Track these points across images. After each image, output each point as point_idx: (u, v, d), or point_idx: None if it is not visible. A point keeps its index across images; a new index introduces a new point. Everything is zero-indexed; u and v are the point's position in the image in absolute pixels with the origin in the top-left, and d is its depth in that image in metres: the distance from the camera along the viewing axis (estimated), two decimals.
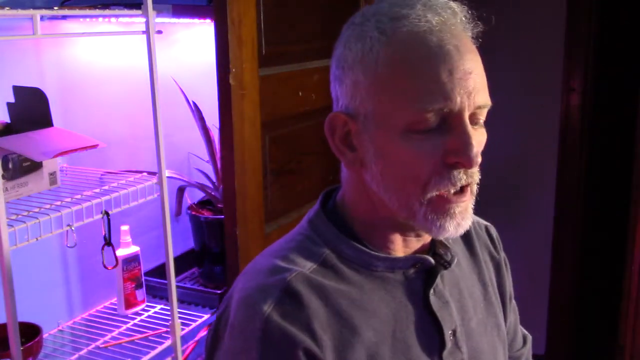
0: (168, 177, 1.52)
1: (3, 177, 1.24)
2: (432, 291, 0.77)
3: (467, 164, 0.68)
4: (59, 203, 1.28)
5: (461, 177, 0.69)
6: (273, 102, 1.61)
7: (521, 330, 0.99)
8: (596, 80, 2.83)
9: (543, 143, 2.79)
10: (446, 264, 0.79)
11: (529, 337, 1.00)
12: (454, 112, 0.68)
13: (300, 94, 1.69)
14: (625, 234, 2.28)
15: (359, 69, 0.70)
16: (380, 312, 0.74)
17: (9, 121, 1.35)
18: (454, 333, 0.78)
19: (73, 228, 1.27)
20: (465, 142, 0.68)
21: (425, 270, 0.78)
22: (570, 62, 2.76)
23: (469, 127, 0.69)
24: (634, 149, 2.23)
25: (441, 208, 0.70)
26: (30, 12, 1.22)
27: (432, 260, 0.77)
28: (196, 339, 1.77)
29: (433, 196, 0.70)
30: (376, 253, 0.76)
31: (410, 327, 0.75)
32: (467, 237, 0.88)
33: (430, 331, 0.76)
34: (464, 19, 0.72)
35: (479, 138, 0.70)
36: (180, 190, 1.81)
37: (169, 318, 1.52)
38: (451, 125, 0.69)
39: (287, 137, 1.67)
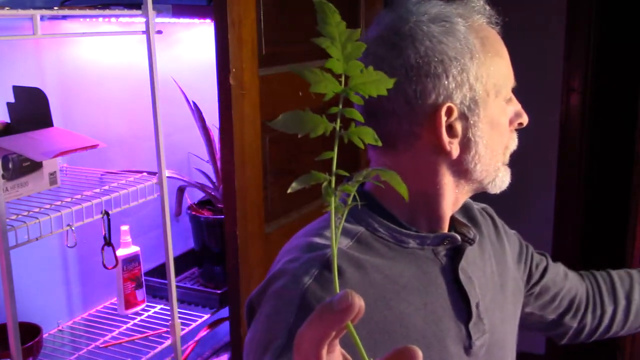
0: (168, 177, 1.52)
1: (3, 177, 1.24)
2: (460, 266, 0.83)
3: (525, 123, 0.85)
4: (59, 203, 1.28)
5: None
6: (273, 102, 1.61)
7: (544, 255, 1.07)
8: (596, 80, 2.83)
9: (543, 143, 2.79)
10: (471, 241, 0.85)
11: (547, 255, 1.08)
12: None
13: (300, 94, 1.70)
14: (625, 233, 2.28)
15: (463, 57, 0.77)
16: (412, 286, 0.79)
17: (9, 121, 1.36)
18: (477, 306, 0.84)
19: (73, 228, 1.27)
20: (521, 108, 0.85)
21: (452, 247, 0.83)
22: (570, 62, 2.77)
23: None
24: (634, 148, 2.23)
25: (507, 166, 0.85)
26: (30, 12, 1.22)
27: (459, 238, 0.83)
28: (196, 339, 1.77)
29: (507, 156, 0.85)
30: (407, 231, 0.81)
31: (440, 300, 0.81)
32: (474, 220, 0.94)
33: (458, 304, 0.82)
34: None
35: None
36: (180, 190, 1.81)
37: (169, 318, 1.52)
38: (511, 97, 0.84)
39: (287, 137, 1.67)
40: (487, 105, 0.79)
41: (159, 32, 1.42)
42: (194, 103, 1.76)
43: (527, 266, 1.01)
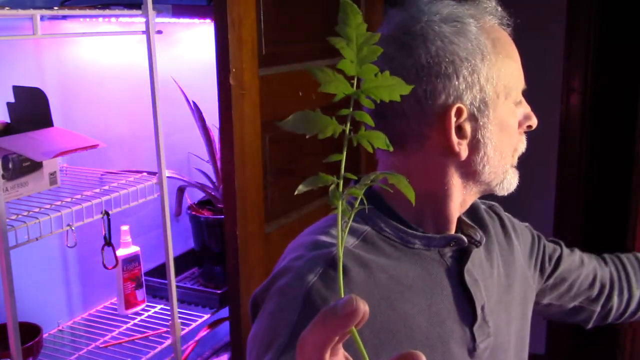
0: (168, 177, 1.52)
1: (3, 177, 1.24)
2: (465, 268, 0.82)
3: (535, 126, 0.85)
4: (59, 203, 1.28)
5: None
6: (273, 102, 1.61)
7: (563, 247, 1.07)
8: (596, 80, 2.83)
9: (543, 143, 2.79)
10: (477, 243, 0.85)
11: (561, 243, 1.08)
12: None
13: (300, 94, 1.70)
14: (625, 233, 2.28)
15: (474, 58, 0.77)
16: (416, 286, 0.78)
17: (9, 121, 1.36)
18: (483, 308, 0.83)
19: (73, 228, 1.27)
20: (531, 111, 0.85)
21: (458, 249, 0.83)
22: (570, 62, 2.77)
23: None
24: (634, 148, 2.23)
25: (515, 167, 0.85)
26: (30, 12, 1.22)
27: (466, 240, 0.82)
28: (196, 339, 1.77)
29: (516, 159, 0.85)
30: (413, 231, 0.81)
31: (445, 301, 0.80)
32: (481, 221, 0.93)
33: (463, 306, 0.82)
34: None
35: None
36: (180, 190, 1.81)
37: (169, 318, 1.52)
38: (521, 100, 0.84)
39: (287, 137, 1.67)
40: (497, 107, 0.79)
41: (159, 32, 1.42)
42: (194, 103, 1.76)
43: (539, 260, 1.00)
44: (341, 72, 0.41)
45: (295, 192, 0.42)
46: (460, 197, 0.82)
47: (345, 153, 0.41)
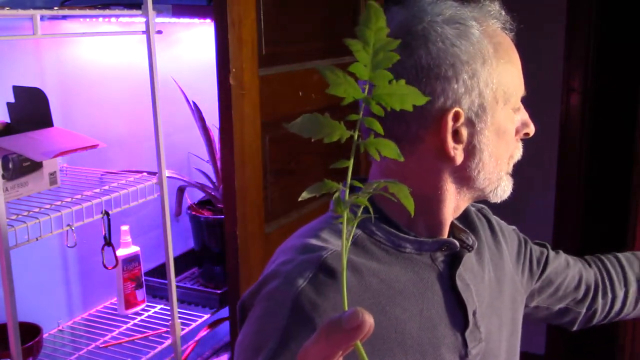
0: (168, 177, 1.52)
1: (3, 177, 1.24)
2: (457, 273, 0.82)
3: (532, 133, 0.84)
4: (59, 203, 1.28)
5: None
6: (273, 102, 1.61)
7: (550, 251, 1.06)
8: (596, 80, 2.83)
9: (543, 143, 2.79)
10: (469, 248, 0.84)
11: (547, 245, 1.07)
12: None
13: (300, 94, 1.69)
14: (625, 233, 2.27)
15: (475, 61, 0.75)
16: (408, 291, 0.77)
17: (9, 121, 1.36)
18: (474, 313, 0.82)
19: (73, 228, 1.27)
20: (529, 118, 0.84)
21: (450, 253, 0.82)
22: (570, 62, 2.77)
23: None
24: (634, 148, 2.23)
25: (510, 174, 0.84)
26: (30, 12, 1.22)
27: (458, 244, 0.81)
28: (196, 339, 1.77)
29: (511, 166, 0.84)
30: (405, 235, 0.79)
31: (437, 306, 0.79)
32: (472, 225, 0.92)
33: (455, 311, 0.81)
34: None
35: None
36: (180, 190, 1.81)
37: (169, 318, 1.52)
38: (519, 106, 0.83)
39: (287, 137, 1.67)
40: (495, 113, 0.78)
41: (159, 32, 1.42)
42: (194, 103, 1.76)
43: (527, 263, 1.00)
44: (352, 74, 0.40)
45: (299, 199, 0.41)
46: (454, 203, 0.81)
47: (352, 160, 0.40)
